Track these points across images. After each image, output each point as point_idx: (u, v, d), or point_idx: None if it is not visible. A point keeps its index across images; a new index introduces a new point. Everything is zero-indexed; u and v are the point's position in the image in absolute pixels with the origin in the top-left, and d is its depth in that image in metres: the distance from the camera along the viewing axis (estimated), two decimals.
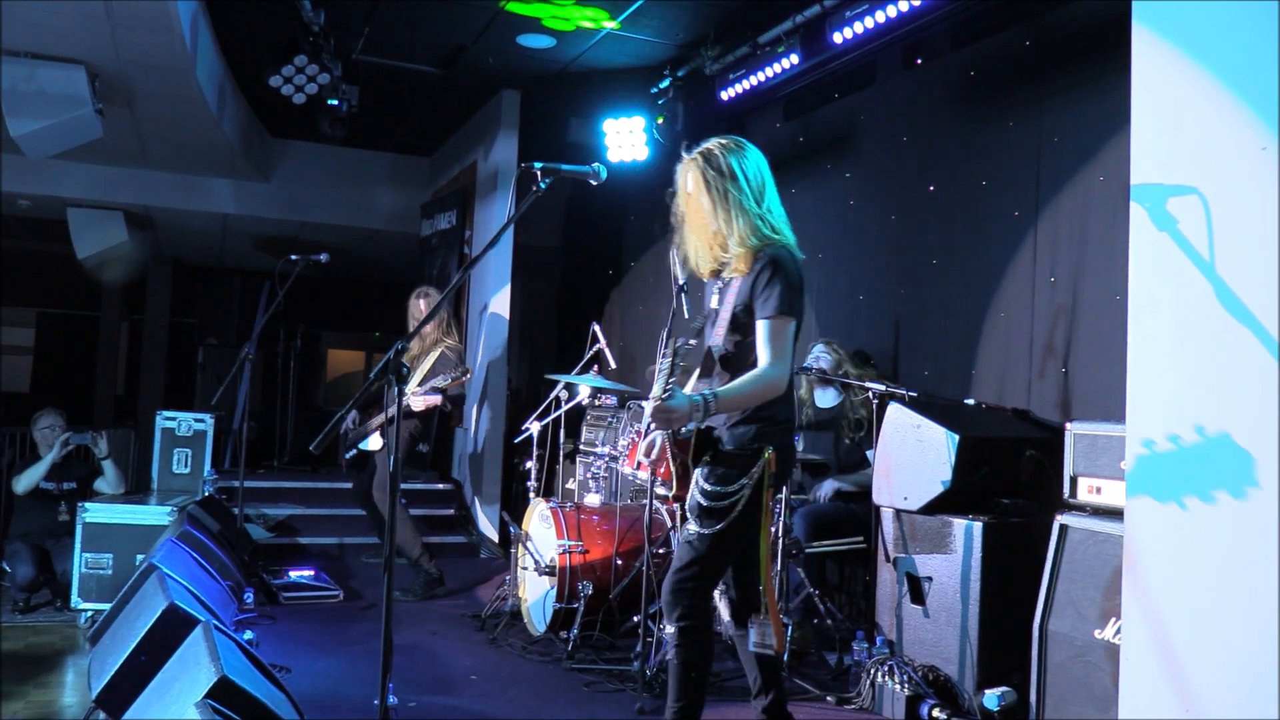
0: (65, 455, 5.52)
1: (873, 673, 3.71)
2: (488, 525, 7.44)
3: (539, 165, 2.78)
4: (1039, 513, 3.62)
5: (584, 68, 6.87)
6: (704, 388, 2.85)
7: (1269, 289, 2.28)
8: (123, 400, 12.68)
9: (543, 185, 2.79)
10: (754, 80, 5.75)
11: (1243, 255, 2.35)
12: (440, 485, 7.97)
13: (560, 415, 5.30)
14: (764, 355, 2.77)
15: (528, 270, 8.74)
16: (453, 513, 7.67)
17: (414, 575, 5.62)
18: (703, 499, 2.80)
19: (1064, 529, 3.33)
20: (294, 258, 5.74)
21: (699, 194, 2.88)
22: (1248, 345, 2.32)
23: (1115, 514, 3.10)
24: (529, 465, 5.34)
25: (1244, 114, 2.36)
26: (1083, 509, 3.35)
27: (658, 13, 5.81)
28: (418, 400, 5.40)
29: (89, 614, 4.87)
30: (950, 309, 4.82)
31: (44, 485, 5.47)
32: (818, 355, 4.75)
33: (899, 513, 3.94)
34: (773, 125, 6.23)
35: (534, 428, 5.28)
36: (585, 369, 5.44)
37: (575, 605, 4.39)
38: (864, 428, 4.72)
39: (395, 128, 8.87)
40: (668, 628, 2.86)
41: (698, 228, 2.94)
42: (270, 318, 5.86)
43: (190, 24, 5.41)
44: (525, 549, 4.70)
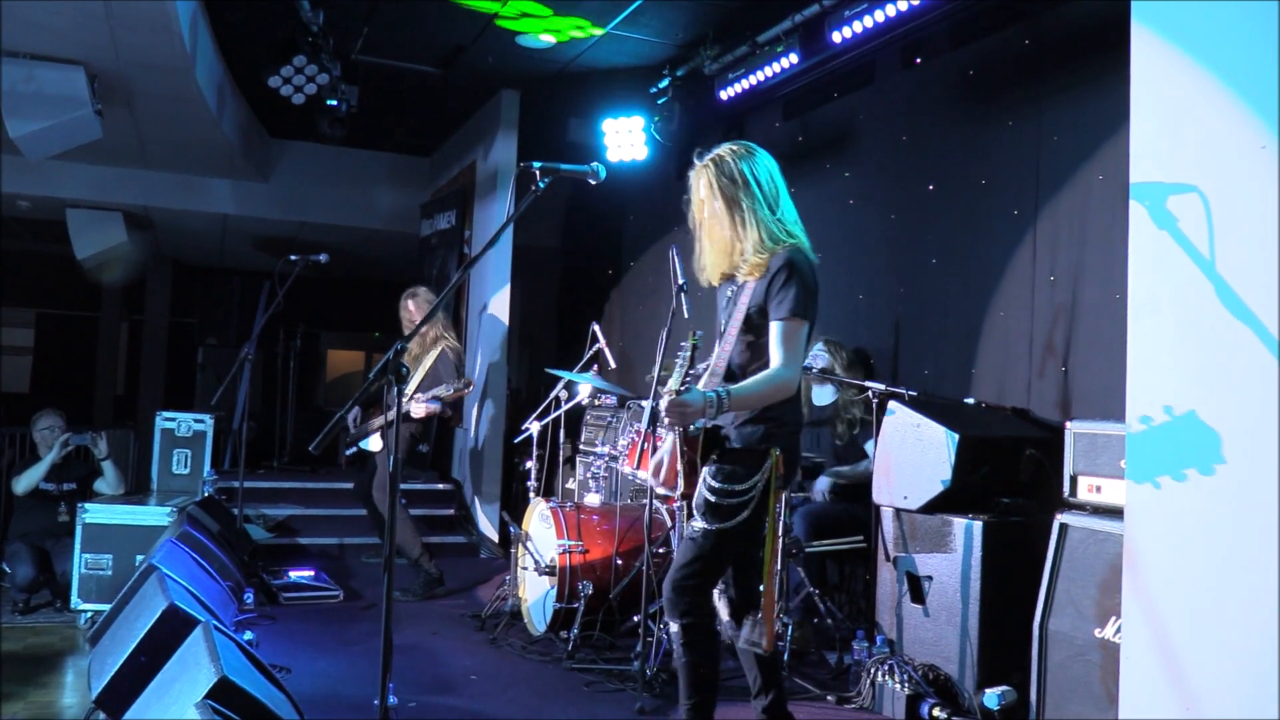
0: (65, 456, 5.52)
1: (873, 672, 3.71)
2: (488, 525, 7.44)
3: (538, 165, 2.79)
4: (1039, 512, 3.62)
5: (583, 67, 6.87)
6: (717, 385, 2.86)
7: (1269, 288, 2.28)
8: (122, 401, 12.67)
9: (542, 185, 2.79)
10: (753, 80, 5.75)
11: (1242, 254, 2.35)
12: (440, 485, 7.97)
13: (560, 415, 5.30)
14: (776, 356, 2.79)
15: (527, 270, 8.74)
16: (453, 513, 7.67)
17: (414, 575, 5.62)
18: (710, 495, 2.81)
19: (1064, 528, 3.33)
20: (293, 258, 5.73)
21: (711, 200, 2.90)
22: (1248, 344, 2.32)
23: (1115, 513, 3.10)
24: (529, 465, 5.34)
25: (1243, 113, 2.37)
26: (1083, 508, 3.35)
27: (657, 12, 5.81)
28: (418, 407, 5.40)
29: (89, 614, 4.86)
30: (950, 308, 4.82)
31: (44, 486, 5.47)
32: (815, 355, 4.77)
33: (899, 512, 3.94)
34: (772, 125, 6.23)
35: (534, 428, 5.28)
36: (585, 369, 5.43)
37: (575, 605, 4.39)
38: (856, 426, 4.73)
39: (394, 128, 8.87)
40: (672, 626, 2.88)
41: (711, 234, 2.95)
42: (270, 318, 5.85)
43: (189, 24, 5.41)
44: (525, 549, 4.70)
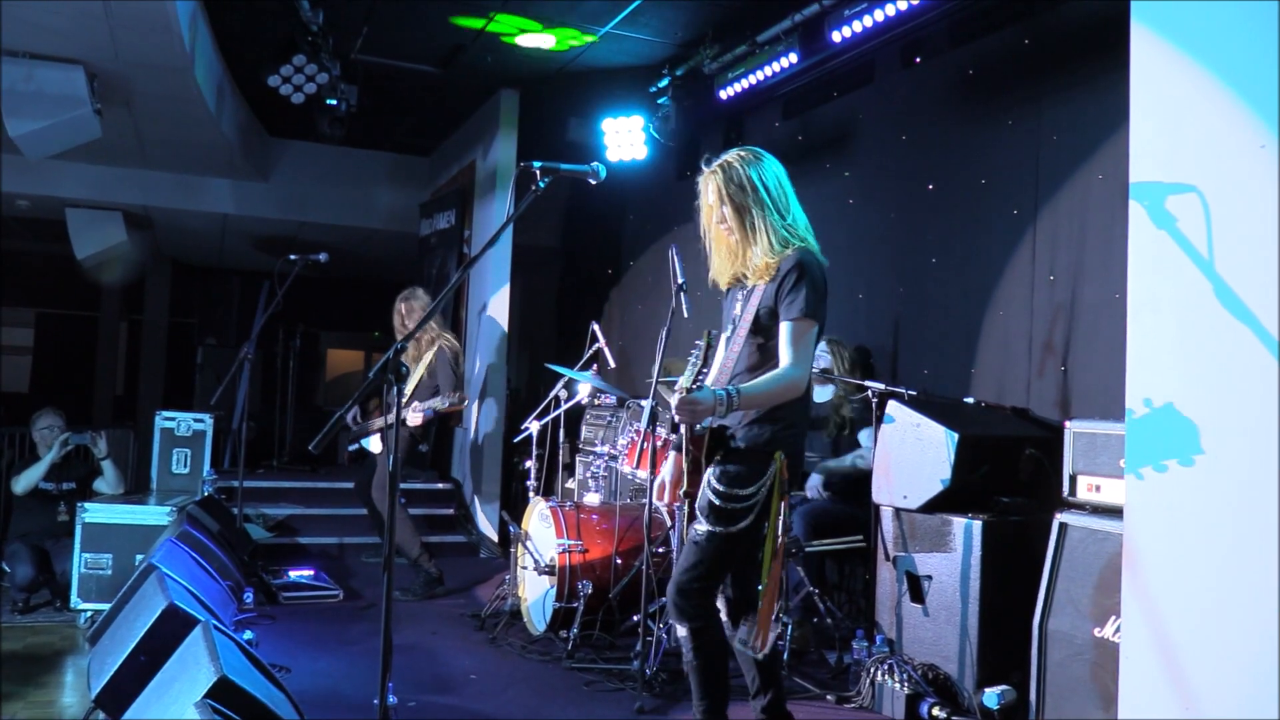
0: (64, 455, 5.52)
1: (872, 671, 3.71)
2: (487, 524, 7.44)
3: (538, 164, 2.79)
4: (1038, 511, 3.62)
5: (582, 67, 6.87)
6: (727, 384, 2.87)
7: (1268, 287, 2.28)
8: (122, 400, 12.67)
9: (541, 184, 2.79)
10: (753, 79, 5.75)
11: (1242, 253, 2.35)
12: (440, 485, 7.97)
13: (560, 415, 5.30)
14: (786, 355, 2.80)
15: (527, 270, 8.75)
16: (452, 512, 7.67)
17: (414, 575, 5.62)
18: (715, 499, 2.82)
19: (1063, 527, 3.33)
20: (293, 257, 5.73)
21: (720, 206, 2.92)
22: (1247, 343, 2.32)
23: (1115, 512, 3.10)
24: (528, 464, 5.34)
25: (1242, 112, 2.36)
26: (1082, 507, 3.35)
27: (656, 12, 5.81)
28: (414, 416, 5.39)
29: (88, 614, 4.86)
30: (949, 307, 4.82)
31: (43, 485, 5.47)
32: (818, 354, 4.75)
33: (898, 511, 3.94)
34: (771, 124, 6.23)
35: (533, 427, 5.28)
36: (584, 368, 5.43)
37: (575, 604, 4.39)
38: (846, 426, 4.73)
39: (394, 127, 8.87)
40: (680, 630, 2.89)
41: (721, 239, 2.97)
42: (269, 318, 5.85)
43: (189, 24, 5.41)
44: (525, 548, 4.70)
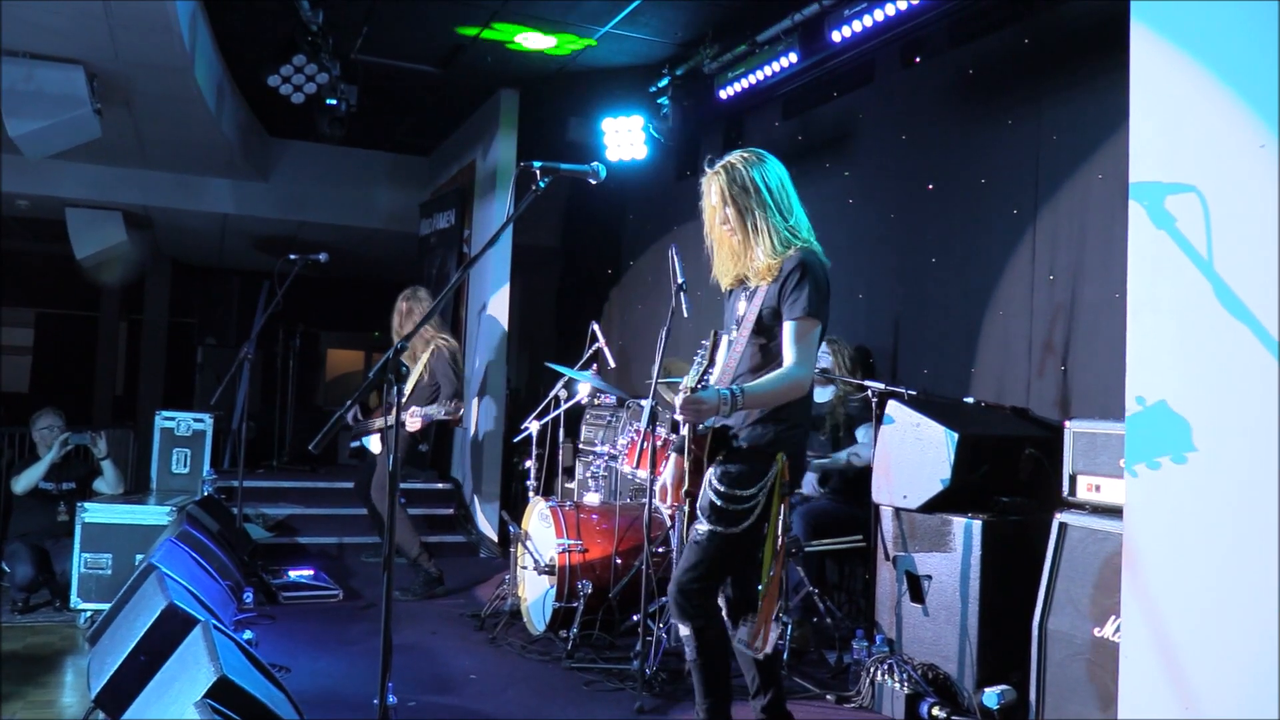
0: (64, 455, 5.52)
1: (872, 671, 3.71)
2: (487, 524, 7.44)
3: (538, 164, 2.80)
4: (1038, 511, 3.62)
5: (582, 67, 6.87)
6: (730, 384, 2.87)
7: (1268, 287, 2.28)
8: (122, 400, 12.67)
9: (541, 184, 2.80)
10: (753, 79, 5.75)
11: (1241, 253, 2.35)
12: (439, 484, 7.97)
13: (560, 414, 5.30)
14: (790, 355, 2.81)
15: (527, 269, 8.74)
16: (452, 512, 7.67)
17: (413, 575, 5.62)
18: (716, 499, 2.82)
19: (1063, 527, 3.33)
20: (293, 257, 5.73)
21: (723, 208, 2.93)
22: (1247, 343, 2.31)
23: (1114, 512, 3.10)
24: (528, 464, 5.34)
25: (1242, 111, 2.36)
26: (1082, 507, 3.35)
27: (656, 12, 5.81)
28: (412, 421, 5.39)
29: (88, 614, 4.86)
30: (949, 307, 4.82)
31: (43, 485, 5.47)
32: (819, 355, 4.76)
33: (898, 511, 3.94)
34: (771, 124, 6.23)
35: (533, 427, 5.28)
36: (584, 368, 5.43)
37: (575, 604, 4.39)
38: (841, 428, 4.72)
39: (394, 127, 8.87)
40: (683, 630, 2.90)
41: (724, 240, 2.99)
42: (269, 317, 5.85)
43: (189, 24, 5.41)
44: (525, 548, 4.70)
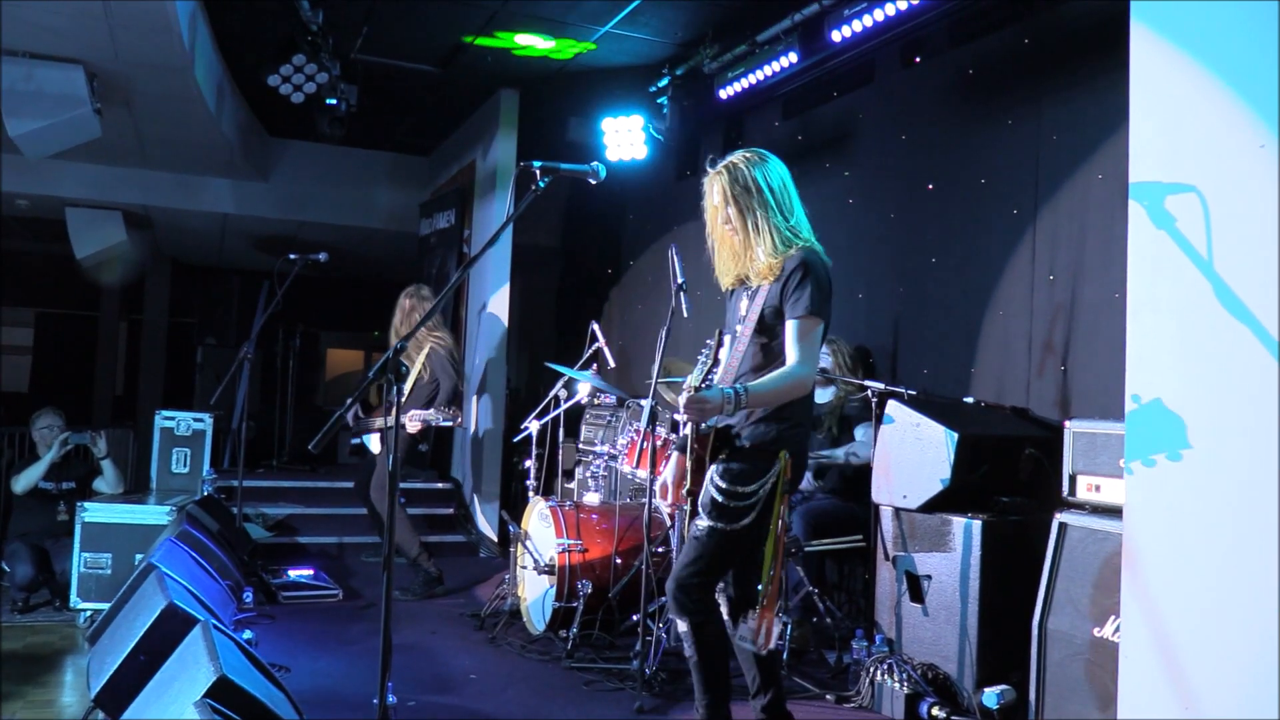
0: (64, 455, 5.52)
1: (872, 671, 3.71)
2: (487, 524, 7.44)
3: (538, 164, 2.80)
4: (1038, 511, 3.62)
5: (582, 67, 6.87)
6: (733, 383, 2.88)
7: (1268, 287, 2.28)
8: (121, 400, 12.67)
9: (541, 184, 2.80)
10: (753, 79, 5.75)
11: (1241, 253, 2.35)
12: (439, 484, 7.97)
13: (560, 414, 5.30)
14: (793, 354, 2.82)
15: (526, 269, 8.74)
16: (452, 512, 7.67)
17: (413, 574, 5.62)
18: (718, 495, 2.83)
19: (1063, 527, 3.33)
20: (293, 257, 5.73)
21: (725, 207, 2.94)
22: (1247, 343, 2.32)
23: (1114, 512, 3.10)
24: (528, 464, 5.34)
25: (1242, 111, 2.36)
26: (1082, 507, 3.35)
27: (656, 12, 5.81)
28: (413, 424, 5.38)
29: (88, 613, 4.86)
30: (949, 307, 4.82)
31: (43, 485, 5.47)
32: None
33: (898, 511, 3.94)
34: (771, 124, 6.23)
35: (533, 426, 5.28)
36: (584, 368, 5.43)
37: (574, 604, 4.39)
38: (839, 428, 4.72)
39: (394, 127, 8.87)
40: (681, 626, 2.90)
41: (725, 240, 3.00)
42: (269, 317, 5.85)
43: (188, 23, 5.41)
44: (524, 548, 4.70)
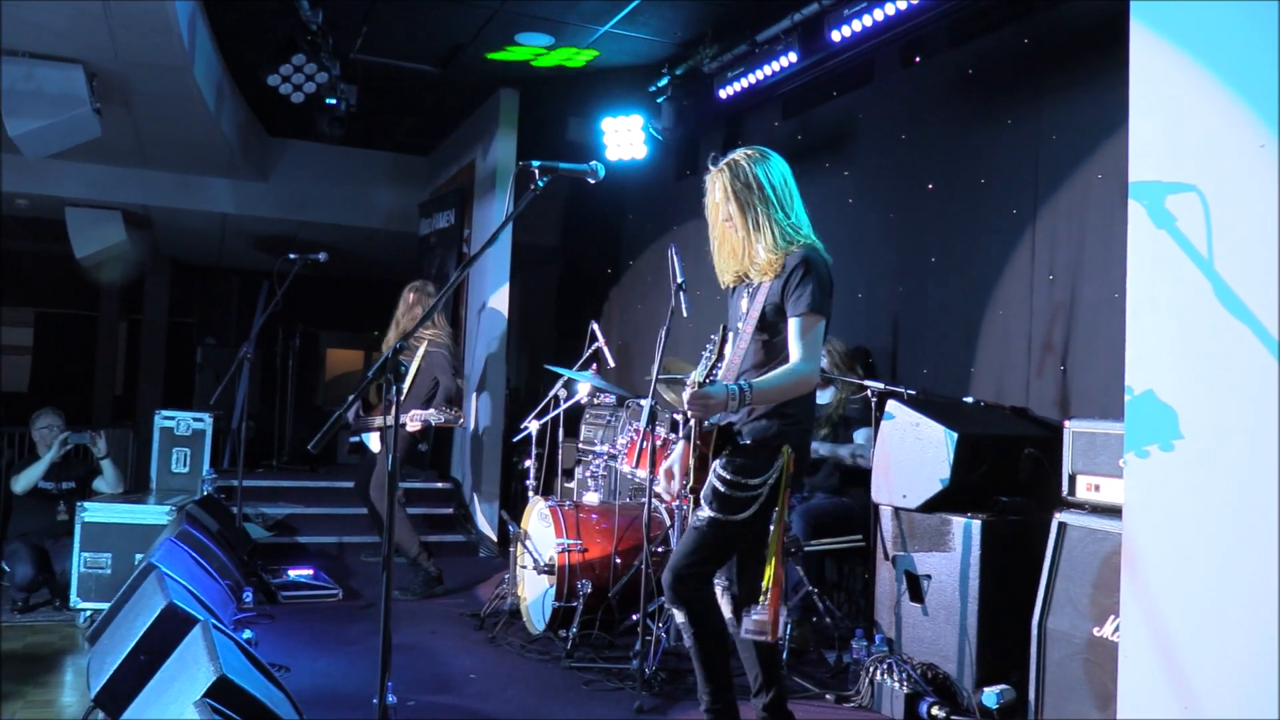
0: (64, 455, 5.52)
1: (871, 670, 3.71)
2: (486, 524, 7.44)
3: (537, 164, 2.80)
4: (1037, 510, 3.62)
5: (582, 66, 6.86)
6: (736, 379, 2.88)
7: (1268, 286, 2.28)
8: (121, 400, 12.66)
9: (541, 184, 2.80)
10: (752, 79, 5.75)
11: (1241, 253, 2.35)
12: (439, 484, 7.97)
13: (559, 414, 5.29)
14: (795, 351, 2.83)
15: (526, 269, 8.74)
16: (451, 511, 7.67)
17: (413, 574, 5.62)
18: (720, 485, 2.84)
19: (1062, 527, 3.33)
20: (292, 257, 5.73)
21: (725, 204, 2.95)
22: (1247, 343, 2.31)
23: (1114, 512, 3.10)
24: (528, 464, 5.34)
25: (1242, 111, 2.36)
26: (1081, 507, 3.35)
27: (656, 11, 5.80)
28: (413, 424, 5.38)
29: (88, 613, 4.86)
30: (949, 307, 4.82)
31: (43, 485, 5.47)
32: None
33: (898, 511, 3.94)
34: (771, 124, 6.23)
35: (532, 426, 5.28)
36: (584, 367, 5.43)
37: (574, 604, 4.39)
38: (838, 429, 4.72)
39: (393, 127, 8.87)
40: (677, 616, 2.91)
41: (726, 237, 3.01)
42: (269, 317, 5.85)
43: (188, 23, 5.40)
44: (524, 547, 4.70)
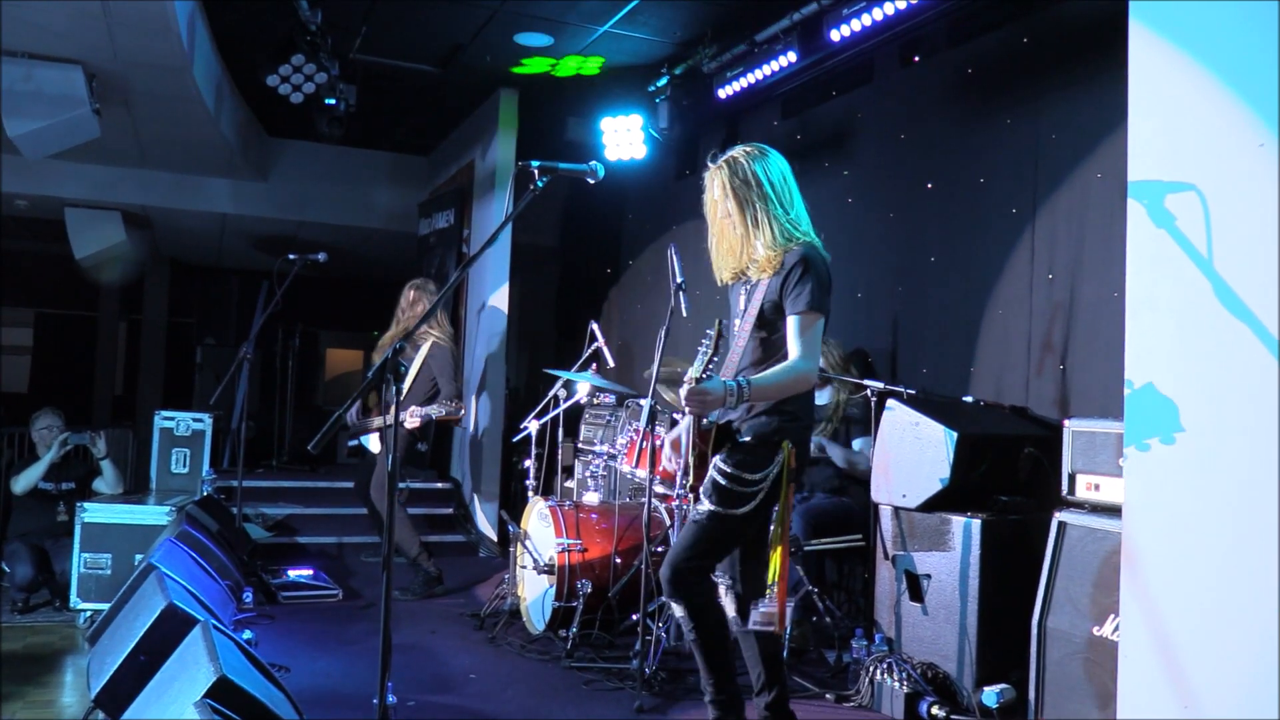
0: (64, 455, 5.52)
1: (871, 670, 3.71)
2: (486, 524, 7.44)
3: (536, 164, 2.81)
4: (1037, 510, 3.62)
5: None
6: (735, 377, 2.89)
7: (1267, 285, 2.28)
8: (121, 400, 12.67)
9: (540, 184, 2.81)
10: (752, 78, 5.75)
11: (1241, 252, 2.35)
12: (439, 484, 7.97)
13: (559, 414, 5.29)
14: (794, 349, 2.84)
15: (526, 269, 8.74)
16: (451, 511, 7.67)
17: (413, 574, 5.62)
18: (720, 479, 2.84)
19: (1062, 526, 3.33)
20: (292, 257, 5.73)
21: (724, 201, 2.96)
22: (1246, 342, 2.32)
23: (1113, 511, 3.10)
24: (527, 464, 5.34)
25: (1241, 110, 2.36)
26: (1081, 506, 3.35)
27: (655, 11, 5.80)
28: (412, 420, 5.38)
29: (88, 614, 4.86)
30: (948, 306, 4.82)
31: (42, 485, 5.47)
32: None
33: (897, 510, 3.95)
34: (770, 123, 6.23)
35: (532, 426, 5.28)
36: (583, 367, 5.43)
37: (574, 604, 4.39)
38: (839, 430, 4.72)
39: (393, 127, 8.87)
40: (676, 611, 2.91)
41: (724, 234, 3.01)
42: (268, 317, 5.85)
43: (187, 24, 5.40)
44: (524, 547, 4.70)
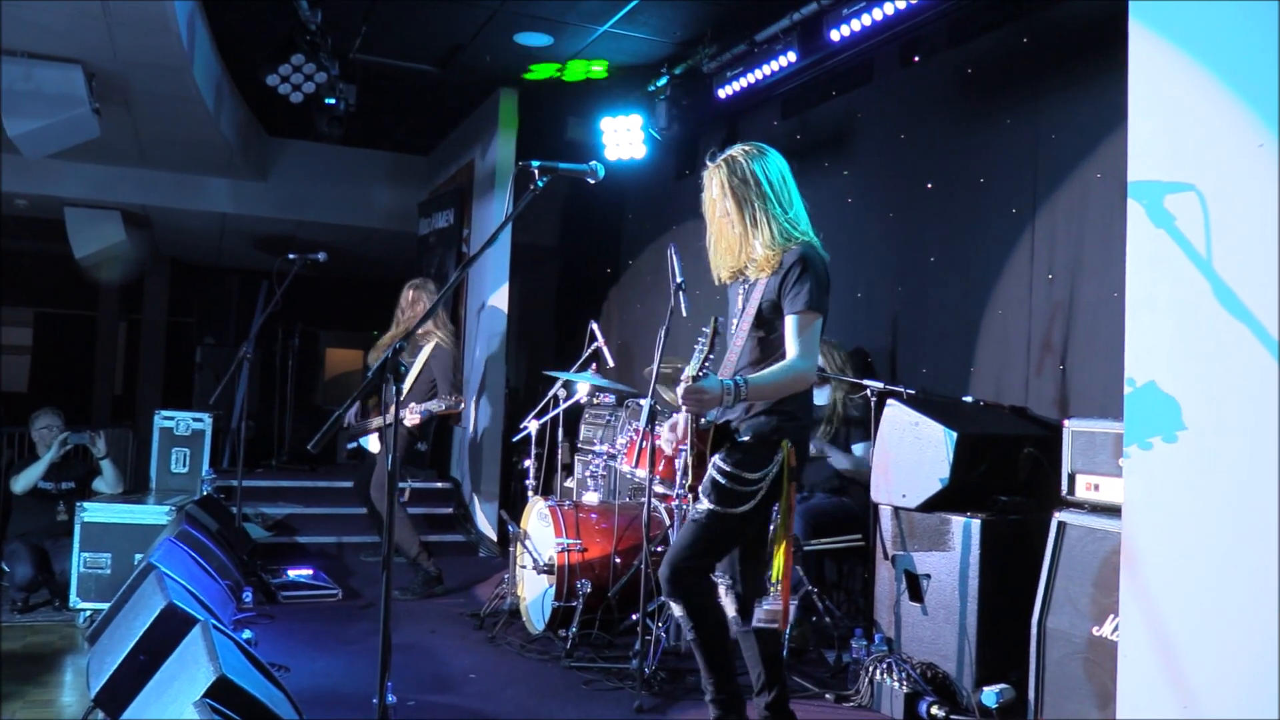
0: (63, 455, 5.52)
1: (871, 670, 3.71)
2: (486, 524, 7.44)
3: (536, 164, 2.81)
4: (1037, 510, 3.62)
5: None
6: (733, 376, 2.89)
7: (1267, 286, 2.28)
8: (121, 400, 12.66)
9: (540, 184, 2.81)
10: (751, 78, 5.75)
11: (1240, 252, 2.35)
12: (439, 484, 7.97)
13: (559, 414, 5.30)
14: (793, 348, 2.84)
15: (526, 268, 8.74)
16: (451, 511, 7.67)
17: (412, 574, 5.62)
18: (720, 478, 2.84)
19: (1062, 526, 3.33)
20: (292, 257, 5.73)
21: (723, 200, 2.96)
22: (1246, 342, 2.32)
23: (1113, 511, 3.10)
24: (527, 464, 5.34)
25: (1241, 110, 2.37)
26: (1081, 506, 3.35)
27: (655, 11, 5.80)
28: (411, 417, 5.38)
29: (87, 613, 4.86)
30: (948, 306, 4.82)
31: (42, 485, 5.47)
32: None
33: (897, 510, 3.95)
34: (770, 123, 6.23)
35: (532, 426, 5.28)
36: (583, 367, 5.43)
37: (574, 603, 4.39)
38: (839, 431, 4.72)
39: (393, 127, 8.86)
40: (675, 610, 2.91)
41: (723, 233, 3.01)
42: (268, 317, 5.85)
43: (187, 23, 5.40)
44: (524, 547, 4.70)
